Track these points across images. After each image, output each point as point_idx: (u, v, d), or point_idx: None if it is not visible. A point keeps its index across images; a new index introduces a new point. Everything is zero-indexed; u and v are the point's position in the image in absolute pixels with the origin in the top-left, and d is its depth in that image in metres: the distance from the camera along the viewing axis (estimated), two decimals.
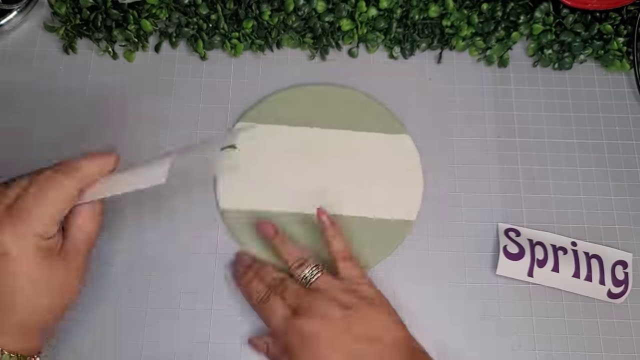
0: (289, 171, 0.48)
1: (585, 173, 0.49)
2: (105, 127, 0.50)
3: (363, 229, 0.46)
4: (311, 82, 0.51)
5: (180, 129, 0.50)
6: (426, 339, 0.44)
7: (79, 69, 0.52)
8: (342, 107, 0.50)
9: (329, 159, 0.48)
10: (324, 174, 0.48)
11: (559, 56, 0.52)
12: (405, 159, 0.49)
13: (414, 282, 0.46)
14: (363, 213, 0.47)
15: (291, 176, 0.48)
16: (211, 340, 0.44)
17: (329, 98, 0.50)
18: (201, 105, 0.51)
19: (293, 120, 0.50)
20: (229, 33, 0.52)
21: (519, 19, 0.52)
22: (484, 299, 0.45)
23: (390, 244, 0.46)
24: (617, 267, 0.46)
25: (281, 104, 0.50)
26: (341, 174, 0.48)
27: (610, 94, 0.52)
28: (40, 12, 0.54)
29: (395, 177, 0.48)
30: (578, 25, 0.52)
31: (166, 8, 0.51)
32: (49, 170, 0.34)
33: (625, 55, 0.52)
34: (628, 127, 0.51)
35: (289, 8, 0.51)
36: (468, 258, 0.47)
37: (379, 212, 0.47)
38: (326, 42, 0.52)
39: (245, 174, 0.48)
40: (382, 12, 0.52)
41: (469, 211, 0.48)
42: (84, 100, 0.51)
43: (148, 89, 0.51)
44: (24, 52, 0.52)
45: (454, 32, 0.52)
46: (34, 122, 0.50)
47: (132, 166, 0.34)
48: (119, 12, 0.51)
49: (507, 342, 0.44)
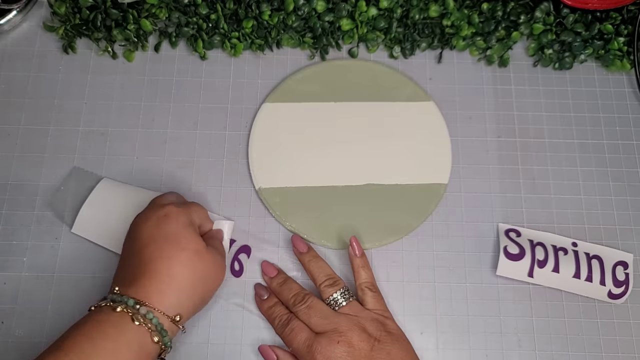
0: (319, 146, 0.49)
1: (586, 173, 0.49)
2: (105, 127, 0.50)
3: (398, 196, 0.48)
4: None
5: (180, 129, 0.50)
6: (427, 339, 0.44)
7: (78, 69, 0.52)
8: (364, 79, 0.51)
9: (356, 131, 0.49)
10: (353, 146, 0.49)
11: (560, 56, 0.52)
12: (432, 124, 0.50)
13: (414, 281, 0.46)
14: (396, 180, 0.48)
15: (321, 151, 0.49)
16: (211, 341, 0.44)
17: (351, 71, 0.51)
18: (201, 105, 0.51)
19: (317, 96, 0.50)
20: (229, 33, 0.51)
21: (519, 18, 0.52)
22: (484, 299, 0.45)
23: (425, 208, 0.47)
24: (617, 267, 0.46)
25: (304, 82, 0.51)
26: (370, 145, 0.49)
27: (611, 94, 0.52)
28: (40, 12, 0.54)
29: (424, 143, 0.49)
30: (578, 25, 0.52)
31: (166, 8, 0.51)
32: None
33: (625, 55, 0.52)
34: (628, 127, 0.51)
35: (288, 8, 0.50)
36: (468, 258, 0.47)
37: (412, 178, 0.48)
38: (326, 41, 0.52)
39: (277, 152, 0.49)
40: (382, 11, 0.52)
41: (469, 211, 0.48)
42: (84, 100, 0.51)
43: (147, 89, 0.51)
44: (24, 51, 0.52)
45: (454, 32, 0.52)
46: (34, 122, 0.50)
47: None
48: (119, 12, 0.51)
49: (507, 342, 0.44)
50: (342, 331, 0.39)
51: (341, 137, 0.49)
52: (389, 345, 0.39)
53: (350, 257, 0.43)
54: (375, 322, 0.40)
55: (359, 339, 0.39)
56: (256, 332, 0.44)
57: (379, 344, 0.39)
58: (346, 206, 0.47)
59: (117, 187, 0.47)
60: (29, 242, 0.46)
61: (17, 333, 0.44)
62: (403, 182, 0.48)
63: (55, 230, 0.47)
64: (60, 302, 0.45)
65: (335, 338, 0.38)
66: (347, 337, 0.39)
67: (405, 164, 0.49)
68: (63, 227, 0.47)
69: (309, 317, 0.40)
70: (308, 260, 0.44)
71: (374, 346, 0.39)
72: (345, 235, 0.46)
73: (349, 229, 0.46)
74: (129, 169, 0.49)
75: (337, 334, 0.39)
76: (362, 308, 0.41)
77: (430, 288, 0.46)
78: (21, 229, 0.47)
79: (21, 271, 0.45)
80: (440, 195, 0.48)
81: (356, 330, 0.39)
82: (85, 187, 0.47)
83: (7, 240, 0.46)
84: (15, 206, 0.47)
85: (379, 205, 0.47)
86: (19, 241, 0.46)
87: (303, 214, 0.47)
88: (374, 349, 0.39)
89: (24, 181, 0.48)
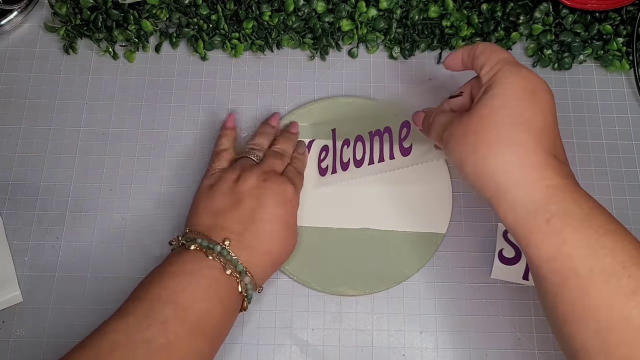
0: (316, 186, 0.48)
1: (585, 173, 0.49)
2: (106, 127, 0.50)
3: (394, 242, 0.46)
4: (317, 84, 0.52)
5: (180, 129, 0.50)
6: (427, 338, 0.44)
7: (79, 69, 0.52)
8: (368, 121, 0.48)
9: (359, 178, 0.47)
10: (352, 188, 0.48)
11: (559, 56, 0.52)
12: (435, 176, 0.48)
13: (414, 281, 0.46)
14: (393, 227, 0.47)
15: (317, 191, 0.48)
16: None
17: (355, 110, 0.50)
18: (201, 105, 0.51)
19: (320, 134, 0.49)
20: (229, 33, 0.52)
21: (518, 19, 0.52)
22: (484, 299, 0.46)
23: (421, 256, 0.46)
24: None
25: (308, 117, 0.50)
26: (370, 189, 0.48)
27: (610, 94, 0.52)
28: (41, 13, 0.54)
29: (426, 195, 0.48)
30: (578, 25, 0.52)
31: (166, 8, 0.52)
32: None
33: (624, 56, 0.52)
34: (627, 127, 0.51)
35: (289, 8, 0.51)
36: (468, 258, 0.47)
37: (409, 226, 0.47)
38: (326, 42, 0.52)
39: None
40: (382, 12, 0.52)
41: (469, 211, 0.48)
42: (84, 100, 0.51)
43: (148, 90, 0.51)
44: (25, 52, 0.52)
45: (453, 33, 0.52)
46: (35, 122, 0.50)
47: None
48: (120, 13, 0.51)
49: (508, 342, 0.44)
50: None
51: (344, 183, 0.48)
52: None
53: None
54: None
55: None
56: (255, 330, 0.44)
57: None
58: (340, 249, 0.46)
59: None
60: (30, 242, 0.46)
61: (18, 333, 0.44)
62: (399, 228, 0.47)
63: (56, 230, 0.47)
64: (61, 302, 0.45)
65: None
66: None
67: (404, 210, 0.47)
68: (64, 227, 0.47)
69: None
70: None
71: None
72: (336, 279, 0.45)
73: (341, 274, 0.45)
74: (130, 169, 0.49)
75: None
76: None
77: (430, 288, 0.46)
78: (22, 228, 0.47)
79: (22, 271, 0.45)
80: (437, 244, 0.47)
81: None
82: None
83: (9, 240, 0.46)
84: (16, 206, 0.47)
85: (373, 250, 0.46)
86: (20, 241, 0.46)
87: (294, 253, 0.45)
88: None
89: (25, 181, 0.48)
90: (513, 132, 0.32)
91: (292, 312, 0.45)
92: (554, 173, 0.32)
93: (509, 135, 0.32)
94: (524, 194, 0.32)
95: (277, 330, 0.44)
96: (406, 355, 0.44)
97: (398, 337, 0.44)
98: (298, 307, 0.45)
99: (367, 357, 0.44)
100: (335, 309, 0.45)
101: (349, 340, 0.44)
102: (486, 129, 0.33)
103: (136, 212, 0.47)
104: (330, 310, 0.45)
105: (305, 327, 0.45)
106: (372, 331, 0.45)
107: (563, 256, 0.30)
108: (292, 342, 0.44)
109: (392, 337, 0.45)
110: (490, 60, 0.35)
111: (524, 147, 0.32)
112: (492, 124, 0.33)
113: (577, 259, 0.30)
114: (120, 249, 0.46)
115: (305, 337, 0.44)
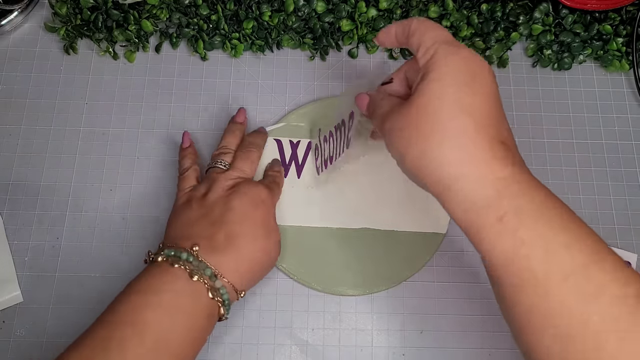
0: (315, 186, 0.48)
1: (585, 173, 0.49)
2: (106, 127, 0.50)
3: (394, 242, 0.46)
4: (315, 84, 0.52)
5: (180, 129, 0.50)
6: (428, 338, 0.44)
7: (79, 69, 0.52)
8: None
9: (357, 174, 0.48)
10: (352, 188, 0.48)
11: (559, 56, 0.52)
12: None
13: (414, 281, 0.46)
14: (393, 227, 0.47)
15: (317, 191, 0.48)
16: (211, 340, 0.44)
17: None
18: (201, 105, 0.51)
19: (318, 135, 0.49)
20: (230, 34, 0.52)
21: (518, 19, 0.52)
22: (484, 299, 0.46)
23: (421, 257, 0.46)
24: None
25: (305, 118, 0.50)
26: (369, 189, 0.48)
27: (610, 94, 0.52)
28: (41, 13, 0.54)
29: (426, 194, 0.48)
30: (577, 25, 0.52)
31: (167, 9, 0.52)
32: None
33: (624, 56, 0.52)
34: (627, 128, 0.51)
35: (289, 9, 0.51)
36: (468, 258, 0.47)
37: (409, 226, 0.47)
38: (326, 42, 0.52)
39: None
40: (382, 12, 0.52)
41: None
42: (85, 100, 0.51)
43: (148, 90, 0.51)
44: (25, 52, 0.52)
45: (453, 33, 0.52)
46: (35, 122, 0.50)
47: None
48: (120, 13, 0.51)
49: (507, 342, 0.44)
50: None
51: (340, 179, 0.48)
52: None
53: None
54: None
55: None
56: (255, 329, 0.44)
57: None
58: (340, 249, 0.46)
59: None
60: (30, 242, 0.46)
61: (18, 333, 0.44)
62: (400, 228, 0.47)
63: (56, 230, 0.47)
64: (61, 302, 0.45)
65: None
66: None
67: (404, 210, 0.47)
68: (64, 227, 0.47)
69: None
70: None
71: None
72: (336, 279, 0.45)
73: (341, 274, 0.45)
74: (130, 169, 0.49)
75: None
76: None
77: (430, 288, 0.46)
78: (22, 228, 0.47)
79: (22, 271, 0.45)
80: (437, 245, 0.47)
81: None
82: None
83: (9, 240, 0.46)
84: (17, 206, 0.47)
85: (373, 250, 0.46)
86: (20, 241, 0.46)
87: (294, 253, 0.45)
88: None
89: (25, 181, 0.48)
90: (452, 120, 0.30)
91: (292, 312, 0.45)
92: (503, 164, 0.29)
93: (448, 123, 0.30)
94: (472, 188, 0.29)
95: (277, 330, 0.44)
96: (406, 355, 0.44)
97: (398, 337, 0.44)
98: (298, 307, 0.45)
99: (367, 357, 0.44)
100: (335, 309, 0.45)
101: (349, 340, 0.44)
102: (424, 119, 0.30)
103: (136, 212, 0.47)
104: (330, 310, 0.45)
105: (305, 327, 0.45)
106: (372, 331, 0.45)
107: (520, 257, 0.28)
108: (292, 342, 0.44)
109: (392, 337, 0.45)
110: (425, 39, 0.32)
111: (465, 136, 0.29)
112: (431, 114, 0.30)
113: (533, 260, 0.28)
114: (120, 249, 0.46)
115: (305, 337, 0.44)
